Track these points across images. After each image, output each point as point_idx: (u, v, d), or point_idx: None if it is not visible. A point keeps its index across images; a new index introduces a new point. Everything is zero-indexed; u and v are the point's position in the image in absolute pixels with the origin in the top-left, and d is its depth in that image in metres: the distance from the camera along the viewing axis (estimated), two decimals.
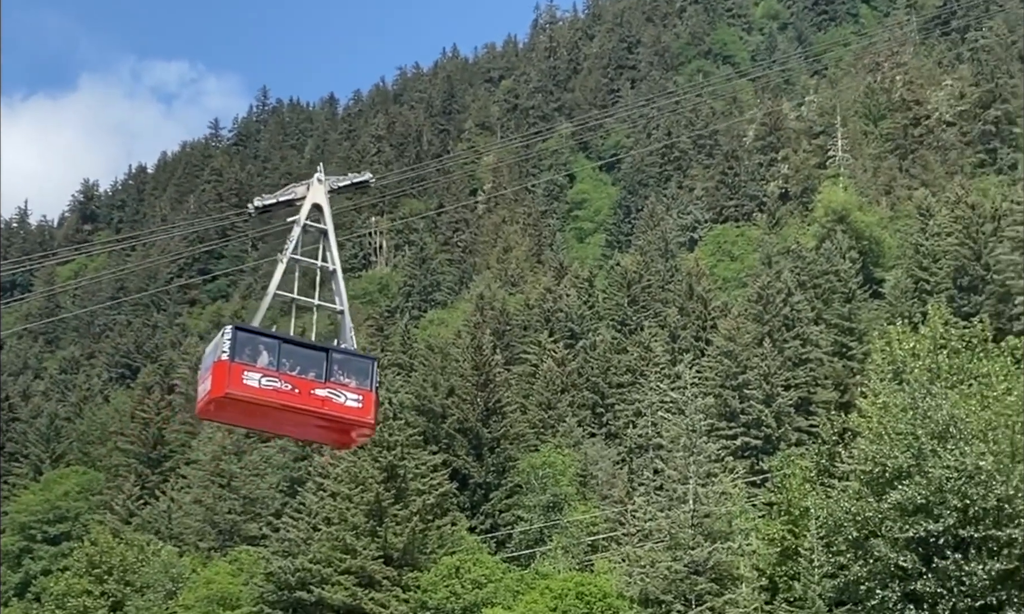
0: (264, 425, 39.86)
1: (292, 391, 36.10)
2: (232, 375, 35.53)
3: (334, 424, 37.53)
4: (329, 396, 36.72)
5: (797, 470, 75.46)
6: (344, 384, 37.21)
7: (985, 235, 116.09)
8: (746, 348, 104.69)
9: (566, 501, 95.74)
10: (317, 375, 36.90)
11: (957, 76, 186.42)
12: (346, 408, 37.12)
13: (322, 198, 40.51)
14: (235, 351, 36.02)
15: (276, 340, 36.96)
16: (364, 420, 37.80)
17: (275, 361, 36.25)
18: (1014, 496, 57.31)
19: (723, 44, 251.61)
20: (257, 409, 36.48)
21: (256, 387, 35.71)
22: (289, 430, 40.15)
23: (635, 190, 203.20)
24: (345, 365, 37.60)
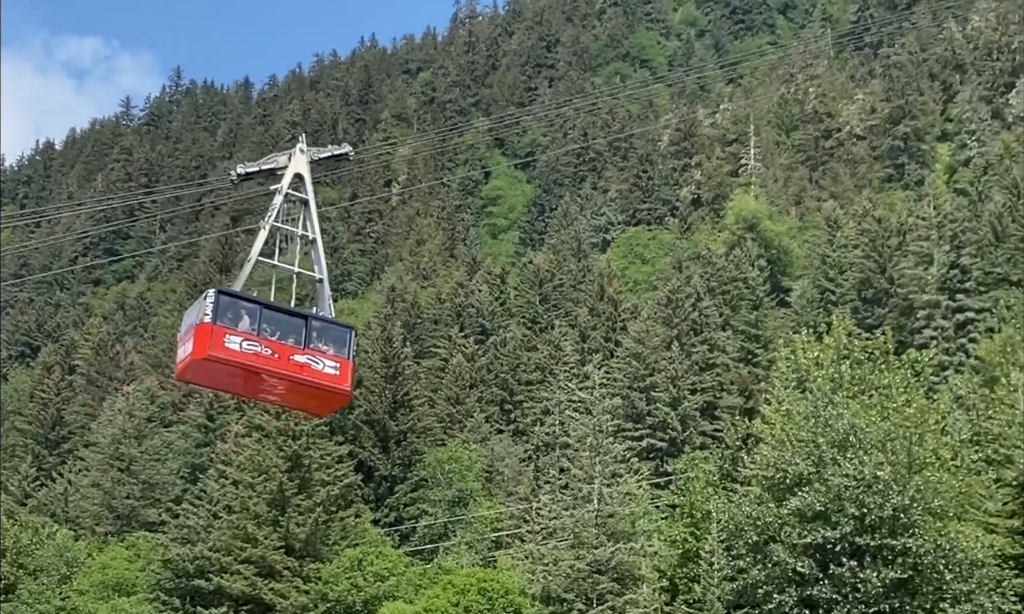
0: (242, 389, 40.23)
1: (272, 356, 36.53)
2: (214, 338, 35.88)
3: (311, 390, 37.97)
4: (308, 362, 37.16)
5: (701, 473, 76.31)
6: (322, 351, 37.64)
7: (890, 249, 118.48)
8: (654, 351, 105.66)
9: (471, 497, 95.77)
10: (296, 341, 37.33)
11: (869, 91, 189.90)
12: (324, 375, 37.58)
13: (304, 168, 40.82)
14: (217, 314, 36.30)
15: (257, 305, 37.30)
16: (341, 388, 38.26)
17: (256, 326, 36.61)
18: (910, 506, 58.35)
19: (641, 48, 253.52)
20: (237, 372, 36.82)
21: (237, 350, 36.12)
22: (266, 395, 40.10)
23: (550, 189, 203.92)
24: (324, 333, 38.08)
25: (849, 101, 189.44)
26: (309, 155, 41.58)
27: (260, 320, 36.92)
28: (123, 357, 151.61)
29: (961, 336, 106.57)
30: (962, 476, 61.71)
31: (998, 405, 70.29)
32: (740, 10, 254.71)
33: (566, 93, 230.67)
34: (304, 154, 41.19)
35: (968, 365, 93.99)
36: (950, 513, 60.06)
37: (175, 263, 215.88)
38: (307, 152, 41.47)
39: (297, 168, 40.89)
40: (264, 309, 37.31)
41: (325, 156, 43.34)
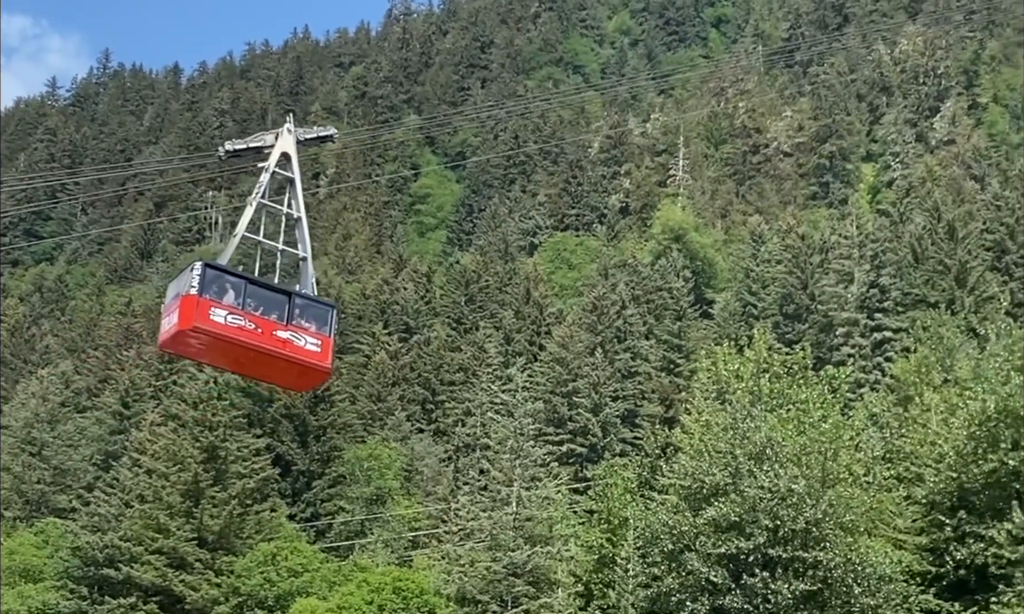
0: (224, 362, 40.51)
1: (255, 330, 36.85)
2: (200, 310, 36.16)
3: (293, 366, 38.25)
4: (290, 338, 37.47)
5: (619, 480, 76.63)
6: (305, 328, 37.95)
7: (812, 266, 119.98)
8: (578, 356, 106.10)
9: (390, 495, 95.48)
10: (279, 317, 37.62)
11: (797, 109, 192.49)
12: (306, 351, 37.92)
13: (291, 147, 41.23)
14: (203, 287, 36.54)
15: (242, 280, 37.66)
16: (322, 365, 38.64)
17: (241, 300, 36.92)
18: (822, 520, 59.01)
19: (575, 54, 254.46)
20: (220, 345, 37.00)
21: (222, 323, 36.40)
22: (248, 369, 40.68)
23: (479, 190, 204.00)
24: (306, 310, 38.39)
25: (777, 118, 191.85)
26: (296, 135, 41.99)
27: (245, 295, 37.23)
28: (39, 340, 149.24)
29: (878, 355, 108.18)
30: (873, 492, 62.60)
31: (911, 424, 71.51)
32: (674, 22, 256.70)
33: (498, 95, 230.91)
34: (291, 134, 41.66)
35: (884, 383, 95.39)
36: (861, 528, 60.78)
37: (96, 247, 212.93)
38: (294, 132, 41.88)
39: (284, 147, 41.34)
40: (249, 284, 37.66)
41: (311, 137, 43.78)
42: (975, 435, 60.98)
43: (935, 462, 64.71)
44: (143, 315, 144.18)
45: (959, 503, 62.17)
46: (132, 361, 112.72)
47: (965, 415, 62.57)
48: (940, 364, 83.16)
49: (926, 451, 66.48)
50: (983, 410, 60.57)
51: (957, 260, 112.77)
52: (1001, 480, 60.01)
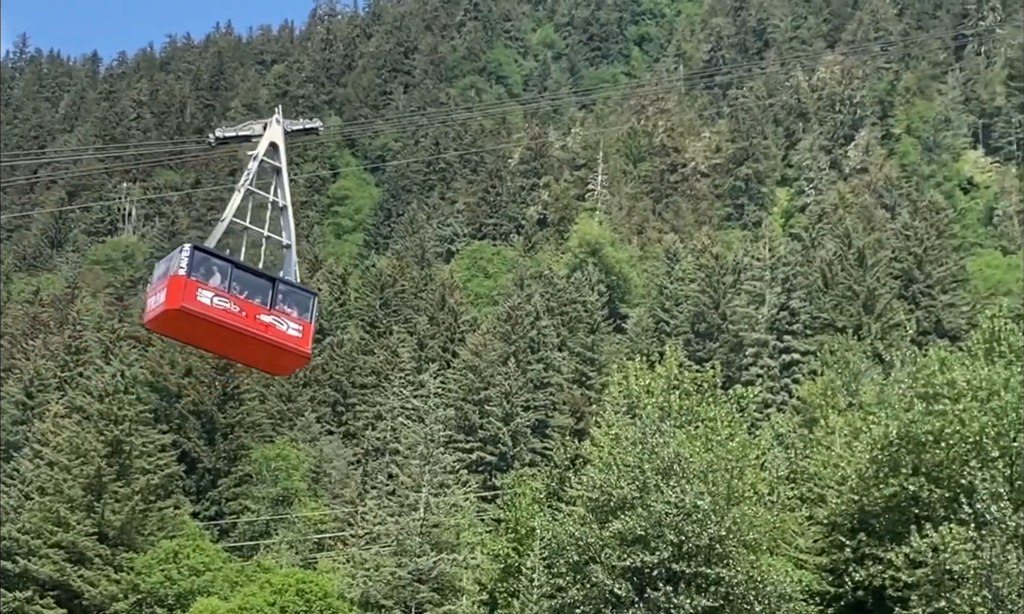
0: (207, 343, 41.02)
1: (240, 313, 37.58)
2: (187, 290, 36.83)
3: (274, 349, 38.97)
4: (273, 323, 38.28)
5: (528, 490, 76.94)
6: (287, 313, 38.72)
7: (725, 286, 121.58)
8: (491, 365, 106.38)
9: (296, 496, 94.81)
10: (263, 302, 38.36)
11: (715, 130, 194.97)
12: (287, 336, 38.76)
13: (279, 138, 41.84)
14: (191, 268, 37.17)
15: (229, 264, 38.16)
16: (302, 350, 39.45)
17: (227, 283, 37.59)
18: (725, 537, 59.71)
19: (498, 64, 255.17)
20: (205, 326, 37.61)
21: (208, 305, 37.08)
22: (230, 351, 41.19)
23: (398, 194, 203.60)
24: (289, 296, 39.15)
25: (696, 138, 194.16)
26: (284, 126, 42.52)
27: (231, 278, 37.86)
28: None
29: (785, 376, 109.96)
30: (777, 511, 63.48)
31: (815, 446, 72.74)
32: (597, 38, 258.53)
33: (421, 101, 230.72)
34: (280, 125, 42.19)
35: (790, 405, 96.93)
36: (763, 546, 61.62)
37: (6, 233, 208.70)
38: (282, 123, 42.40)
39: (273, 137, 41.96)
40: (235, 268, 38.24)
41: (298, 128, 44.27)
42: (877, 459, 62.14)
43: (838, 484, 65.88)
44: (50, 304, 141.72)
45: (859, 525, 63.34)
46: (38, 351, 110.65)
47: (868, 439, 63.73)
48: (845, 388, 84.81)
49: (829, 473, 67.64)
50: (885, 435, 61.70)
51: (866, 287, 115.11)
52: (900, 504, 61.23)
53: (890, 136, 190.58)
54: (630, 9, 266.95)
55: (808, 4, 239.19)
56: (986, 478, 55.60)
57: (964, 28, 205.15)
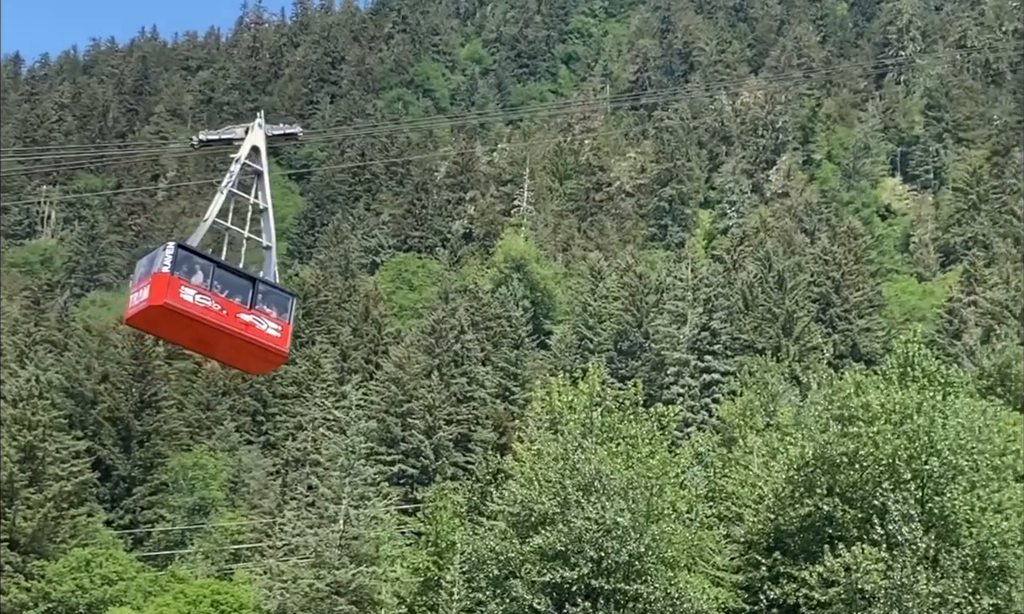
0: (187, 341, 41.36)
1: (221, 311, 38.07)
2: (171, 287, 37.32)
3: (253, 348, 39.52)
4: (253, 322, 38.75)
5: (449, 504, 76.92)
6: (266, 313, 39.19)
7: (648, 305, 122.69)
8: (414, 378, 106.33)
9: (213, 506, 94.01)
10: (243, 301, 38.82)
11: (640, 150, 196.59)
12: (266, 335, 39.28)
13: (260, 142, 42.12)
14: (175, 266, 37.65)
15: (211, 263, 38.63)
16: (281, 349, 39.91)
17: (208, 282, 38.13)
18: (645, 554, 60.16)
19: (426, 77, 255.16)
20: (187, 323, 38.13)
21: (191, 302, 37.59)
22: (209, 349, 41.70)
23: (323, 204, 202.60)
24: (268, 296, 39.63)
25: (621, 158, 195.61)
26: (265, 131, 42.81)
27: (213, 277, 38.25)
28: None
29: (706, 396, 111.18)
30: (695, 529, 64.11)
31: (734, 465, 73.54)
32: (525, 55, 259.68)
33: (347, 111, 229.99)
34: (261, 129, 42.48)
35: (710, 424, 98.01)
36: (681, 563, 62.18)
37: None
38: (264, 128, 42.73)
39: (254, 141, 42.11)
40: (217, 267, 38.65)
41: (278, 133, 44.62)
42: (793, 479, 62.98)
43: (755, 503, 66.70)
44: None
45: (775, 544, 64.14)
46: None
47: (785, 459, 64.60)
48: (764, 409, 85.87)
49: (747, 492, 68.45)
50: (801, 456, 62.55)
51: (785, 309, 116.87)
52: (815, 524, 62.11)
53: (811, 161, 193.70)
54: (558, 28, 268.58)
55: (733, 29, 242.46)
56: (898, 500, 56.66)
57: (884, 57, 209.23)
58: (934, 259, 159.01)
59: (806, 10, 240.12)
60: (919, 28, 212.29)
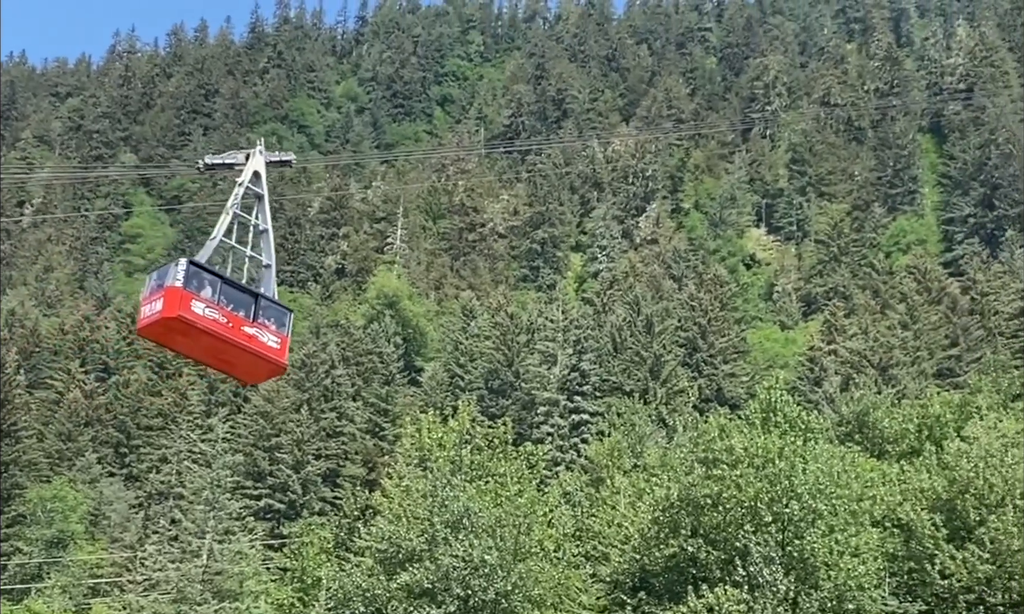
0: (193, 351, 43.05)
1: (227, 324, 40.33)
2: (183, 300, 39.44)
3: (255, 359, 41.71)
4: (255, 334, 40.99)
5: (316, 539, 76.42)
6: (267, 326, 41.51)
7: (519, 345, 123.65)
8: (283, 412, 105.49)
9: (72, 539, 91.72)
10: (247, 315, 41.07)
11: (514, 193, 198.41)
12: (268, 347, 41.51)
13: (261, 167, 44.44)
14: (187, 281, 39.69)
15: (218, 278, 40.79)
16: (280, 361, 42.26)
17: (216, 296, 40.34)
18: (511, 592, 60.48)
19: (301, 113, 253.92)
20: (196, 334, 40.20)
21: (201, 315, 39.74)
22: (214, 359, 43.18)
23: (193, 236, 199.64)
24: (268, 311, 41.87)
25: (495, 200, 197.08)
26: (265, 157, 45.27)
27: (220, 292, 40.48)
28: None
29: (575, 436, 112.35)
30: (562, 568, 64.67)
31: (601, 505, 74.46)
32: (401, 95, 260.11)
33: (220, 144, 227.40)
34: (262, 156, 44.83)
35: (578, 464, 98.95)
36: (548, 602, 62.55)
37: None
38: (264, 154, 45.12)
39: (256, 166, 44.41)
40: (223, 283, 40.84)
41: (274, 160, 46.87)
42: (658, 520, 63.95)
43: (621, 543, 67.57)
44: None
45: (640, 584, 65.01)
46: None
47: (651, 500, 65.59)
48: (631, 450, 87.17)
49: (613, 532, 69.32)
50: (667, 497, 63.58)
51: (652, 353, 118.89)
52: (680, 564, 63.08)
53: (679, 210, 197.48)
54: (434, 69, 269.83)
55: (605, 78, 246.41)
56: (759, 542, 57.93)
57: (751, 111, 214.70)
58: (796, 308, 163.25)
59: (676, 63, 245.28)
60: (785, 84, 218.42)
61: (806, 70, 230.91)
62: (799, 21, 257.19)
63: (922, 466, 67.76)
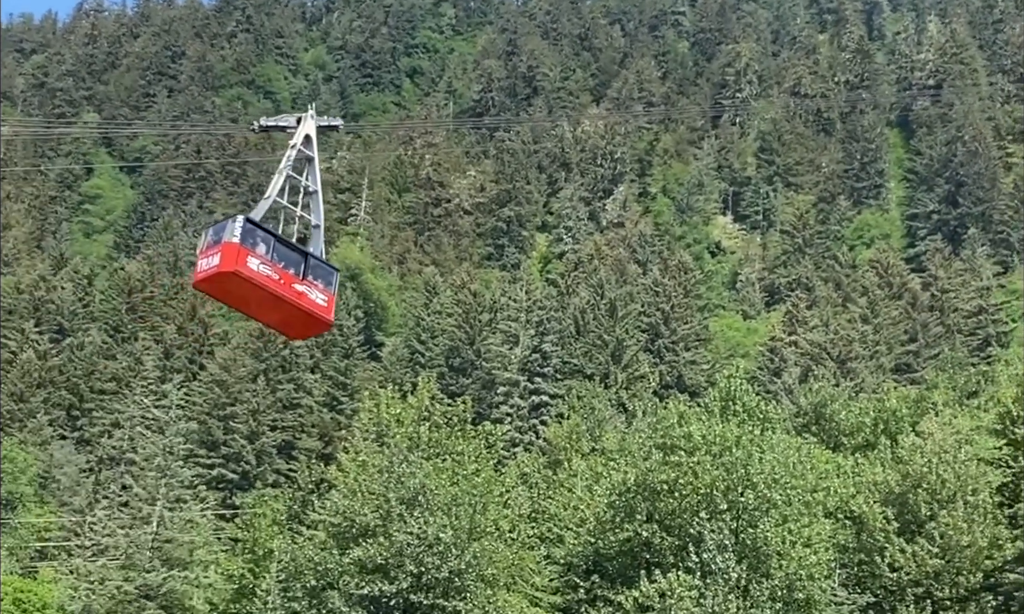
0: (245, 306, 44.29)
1: (279, 281, 41.41)
2: (240, 256, 40.46)
3: (303, 316, 42.77)
4: (305, 291, 42.01)
5: (269, 511, 75.77)
6: (315, 284, 42.49)
7: (481, 323, 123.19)
8: (239, 381, 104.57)
9: (21, 501, 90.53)
10: (296, 272, 41.99)
11: (481, 170, 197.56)
12: (316, 304, 42.56)
13: (312, 131, 45.35)
14: (244, 237, 40.66)
15: (272, 236, 41.75)
16: (327, 317, 43.47)
17: (270, 253, 41.32)
18: (465, 571, 60.23)
19: (267, 79, 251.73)
20: (249, 289, 41.18)
21: (256, 271, 40.79)
22: (263, 313, 44.33)
23: (154, 199, 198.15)
24: (316, 269, 42.83)
25: (461, 175, 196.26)
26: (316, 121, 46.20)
27: (273, 249, 41.46)
28: None
29: (534, 417, 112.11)
30: (517, 549, 64.47)
31: (558, 487, 74.27)
32: (370, 64, 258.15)
33: (184, 106, 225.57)
34: (313, 120, 45.67)
35: (537, 445, 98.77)
36: (501, 582, 62.34)
37: None
38: (315, 119, 46.02)
39: (307, 130, 45.20)
40: (276, 241, 41.85)
41: (323, 124, 47.53)
42: (614, 504, 63.79)
43: (576, 526, 67.39)
44: None
45: (594, 567, 64.93)
46: None
47: (607, 484, 65.43)
48: (590, 433, 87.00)
49: (569, 514, 69.13)
50: (624, 481, 63.42)
51: (615, 337, 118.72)
52: (634, 549, 63.05)
53: (647, 194, 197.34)
54: (404, 41, 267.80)
55: (577, 58, 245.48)
56: (714, 529, 57.92)
57: (722, 98, 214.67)
58: (759, 298, 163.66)
59: (649, 45, 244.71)
60: (756, 72, 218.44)
61: (778, 59, 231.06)
62: (772, 9, 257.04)
63: (876, 459, 68.38)
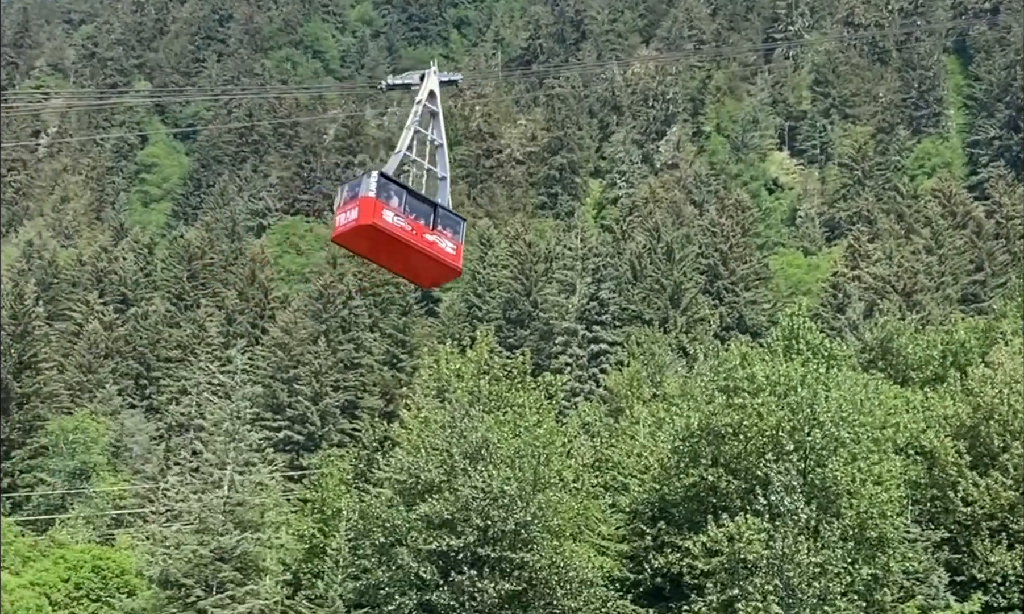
0: (380, 257, 46.58)
1: (412, 231, 43.69)
2: (376, 209, 42.89)
3: (434, 264, 45.17)
4: (435, 241, 44.40)
5: (335, 471, 76.42)
6: (444, 234, 44.98)
7: (537, 274, 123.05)
8: (301, 343, 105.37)
9: (95, 470, 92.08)
10: (427, 223, 44.29)
11: (531, 118, 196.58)
12: (446, 252, 44.96)
13: (436, 86, 47.48)
14: (379, 191, 43.01)
15: (403, 189, 43.97)
16: (456, 265, 45.76)
17: (402, 206, 43.71)
18: (530, 522, 60.32)
19: (315, 38, 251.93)
20: (384, 241, 43.67)
21: (390, 223, 43.20)
22: (396, 263, 46.94)
23: (208, 165, 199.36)
24: (445, 219, 45.14)
25: (512, 125, 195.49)
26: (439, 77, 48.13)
27: (405, 202, 43.70)
28: None
29: (594, 366, 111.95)
30: (581, 498, 64.39)
31: (620, 435, 74.16)
32: (417, 18, 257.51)
33: (234, 70, 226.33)
34: (436, 76, 47.77)
35: (597, 394, 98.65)
36: (567, 533, 62.36)
37: None
38: (438, 74, 48.05)
39: (431, 86, 47.37)
40: (408, 193, 43.99)
41: (444, 80, 49.37)
42: (678, 450, 63.54)
43: (640, 473, 67.31)
44: None
45: (660, 514, 64.81)
46: None
47: (670, 430, 65.16)
48: (651, 379, 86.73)
49: (632, 462, 69.05)
50: (687, 426, 63.07)
51: (673, 280, 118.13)
52: (699, 494, 62.81)
53: (700, 133, 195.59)
54: None
55: None
56: (781, 471, 57.48)
57: (774, 32, 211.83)
58: (819, 233, 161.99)
59: None
60: (808, 4, 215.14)
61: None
62: None
63: (946, 393, 67.38)
